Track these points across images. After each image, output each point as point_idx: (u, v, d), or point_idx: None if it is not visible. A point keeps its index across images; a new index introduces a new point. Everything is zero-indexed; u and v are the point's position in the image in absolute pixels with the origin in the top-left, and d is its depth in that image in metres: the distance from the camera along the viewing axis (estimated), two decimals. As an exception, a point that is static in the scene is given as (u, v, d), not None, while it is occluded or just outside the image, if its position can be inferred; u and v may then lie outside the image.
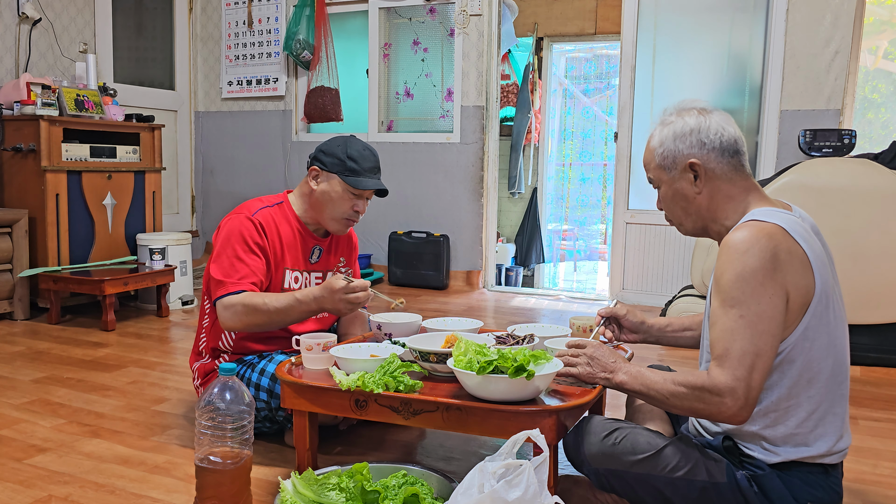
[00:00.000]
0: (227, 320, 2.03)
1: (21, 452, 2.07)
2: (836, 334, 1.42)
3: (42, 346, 3.30)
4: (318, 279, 2.31)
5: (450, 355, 1.65)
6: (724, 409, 1.34)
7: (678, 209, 1.55)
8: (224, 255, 2.08)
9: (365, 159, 2.17)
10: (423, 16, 5.12)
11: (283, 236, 2.19)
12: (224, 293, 2.03)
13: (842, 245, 3.10)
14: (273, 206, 2.21)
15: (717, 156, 1.48)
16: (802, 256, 1.37)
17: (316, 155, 2.20)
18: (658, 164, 1.54)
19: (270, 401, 2.05)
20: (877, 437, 2.32)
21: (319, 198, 2.18)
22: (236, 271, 2.06)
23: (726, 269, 1.37)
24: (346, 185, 2.15)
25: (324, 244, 2.31)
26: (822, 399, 1.40)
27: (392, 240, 5.04)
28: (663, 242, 4.44)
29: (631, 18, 4.46)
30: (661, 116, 1.58)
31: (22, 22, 4.35)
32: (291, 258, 2.21)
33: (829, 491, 1.43)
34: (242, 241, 2.09)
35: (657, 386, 1.43)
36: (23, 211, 3.77)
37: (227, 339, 2.20)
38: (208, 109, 5.75)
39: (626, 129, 4.52)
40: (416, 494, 1.50)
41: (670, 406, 1.43)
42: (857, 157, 3.43)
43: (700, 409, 1.38)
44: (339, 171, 2.15)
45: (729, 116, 1.53)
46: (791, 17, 4.07)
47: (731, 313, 1.35)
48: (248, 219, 2.12)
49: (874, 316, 3.12)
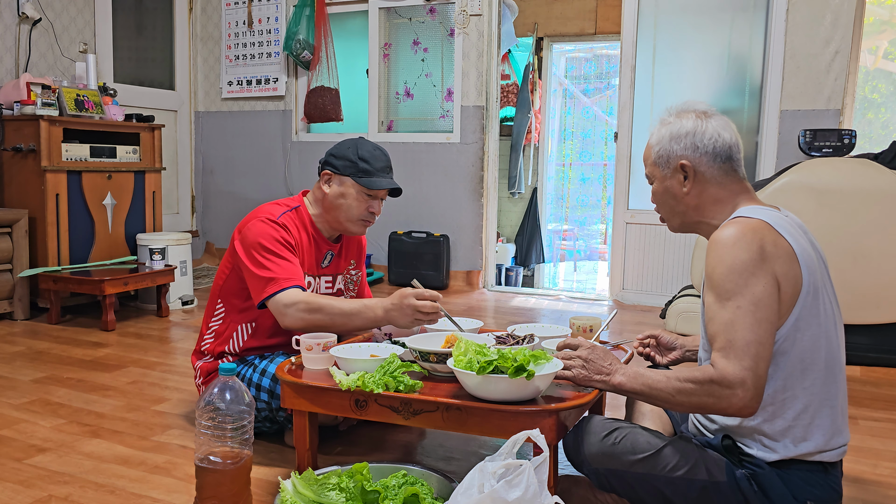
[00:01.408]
0: (287, 317, 1.99)
1: (21, 452, 2.07)
2: (828, 326, 1.43)
3: (42, 346, 3.30)
4: (327, 283, 2.31)
5: (450, 355, 1.65)
6: (735, 402, 1.33)
7: (667, 206, 1.61)
8: (262, 257, 2.05)
9: (377, 159, 2.18)
10: (423, 16, 5.12)
11: (301, 241, 2.19)
12: (277, 290, 2.00)
13: (842, 245, 3.10)
14: (291, 209, 2.20)
15: (709, 160, 1.53)
16: (788, 249, 1.39)
17: (327, 159, 2.20)
18: (654, 161, 1.59)
19: (271, 401, 2.04)
20: (877, 437, 2.32)
21: (333, 201, 2.18)
22: (283, 269, 2.03)
23: (717, 265, 1.40)
24: (360, 187, 2.15)
25: (335, 249, 2.31)
26: (818, 391, 1.41)
27: (392, 240, 5.04)
28: (663, 242, 4.44)
29: (631, 18, 4.45)
30: (661, 115, 1.62)
31: (22, 22, 4.35)
32: (307, 263, 2.22)
33: (828, 489, 1.43)
34: (277, 242, 2.07)
35: (660, 385, 1.42)
36: (23, 211, 3.77)
37: (235, 346, 2.20)
38: (208, 109, 5.75)
39: (626, 129, 4.52)
40: (416, 494, 1.50)
41: (676, 404, 1.42)
42: (857, 157, 3.43)
43: (710, 405, 1.37)
44: (351, 172, 2.15)
45: (728, 122, 1.56)
46: (791, 17, 4.08)
47: (727, 306, 1.36)
48: (275, 223, 2.11)
49: (874, 316, 3.12)
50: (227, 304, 2.22)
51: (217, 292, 2.24)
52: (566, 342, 1.60)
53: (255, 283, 2.06)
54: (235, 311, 2.20)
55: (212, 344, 2.23)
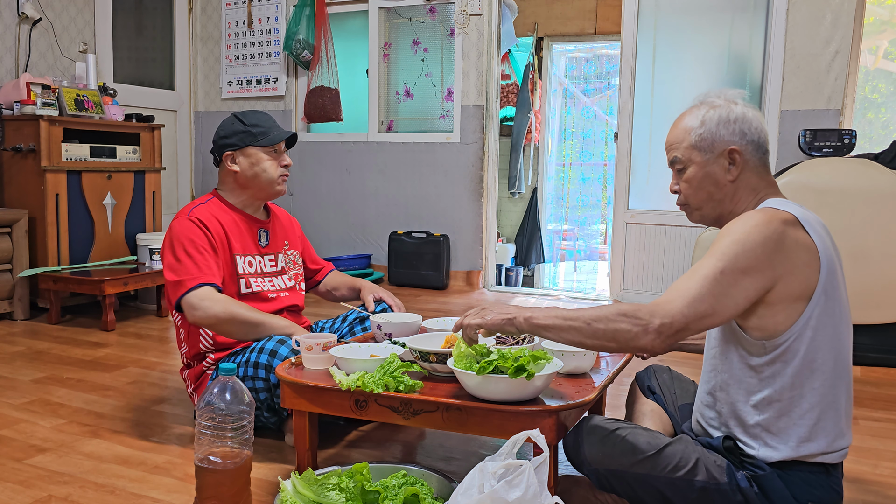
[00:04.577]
0: (197, 317, 2.05)
1: (21, 452, 2.07)
2: (840, 329, 1.42)
3: (42, 346, 3.30)
4: (271, 261, 2.34)
5: (450, 355, 1.65)
6: (649, 330, 1.30)
7: (703, 193, 1.53)
8: (173, 258, 2.11)
9: (264, 119, 2.28)
10: (423, 16, 5.12)
11: (224, 224, 2.22)
12: (184, 291, 2.06)
13: (842, 245, 3.08)
14: (206, 202, 2.26)
15: (753, 149, 1.49)
16: (811, 247, 1.37)
17: (220, 144, 2.27)
18: (693, 143, 1.51)
19: (269, 376, 2.01)
20: (877, 437, 2.32)
21: (248, 173, 2.24)
22: (189, 270, 2.09)
23: (731, 231, 1.38)
24: (266, 147, 2.23)
25: (266, 226, 2.36)
26: (825, 392, 1.40)
27: (392, 240, 5.04)
28: (663, 242, 4.44)
29: (631, 18, 4.45)
30: (700, 98, 1.56)
31: (22, 22, 4.35)
32: (239, 244, 2.25)
33: (829, 491, 1.43)
34: (188, 241, 2.12)
35: (574, 314, 1.38)
36: (23, 211, 3.77)
37: (206, 340, 2.20)
38: (208, 109, 5.75)
39: (626, 129, 4.52)
40: (416, 494, 1.50)
41: (587, 336, 1.37)
42: (857, 157, 3.43)
43: (622, 333, 1.33)
44: (250, 141, 2.23)
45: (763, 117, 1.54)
46: (791, 17, 4.07)
47: (714, 265, 1.34)
48: (187, 219, 2.16)
49: (874, 316, 3.12)
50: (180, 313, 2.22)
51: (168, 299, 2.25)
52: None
53: (168, 288, 2.13)
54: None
55: (187, 352, 2.24)
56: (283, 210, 2.53)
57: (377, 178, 5.22)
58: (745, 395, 1.45)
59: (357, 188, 5.29)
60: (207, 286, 2.07)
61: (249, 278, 2.24)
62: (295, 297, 2.37)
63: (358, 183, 5.29)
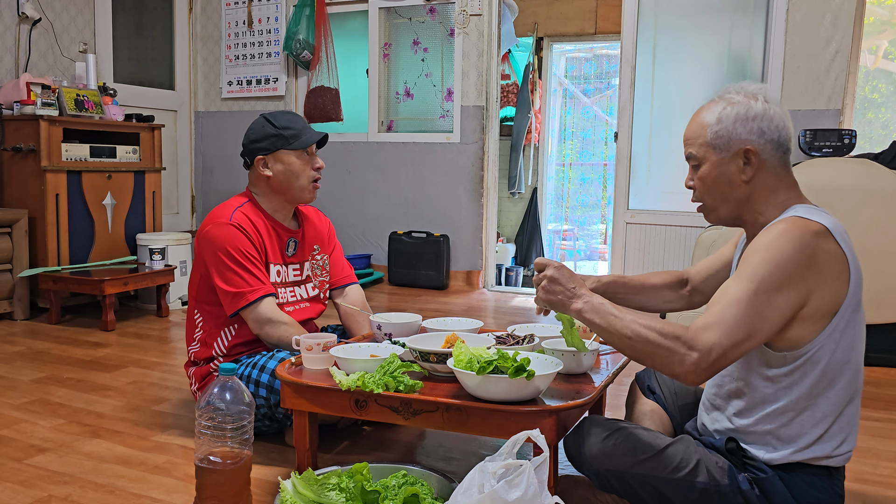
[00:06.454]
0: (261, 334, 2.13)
1: (21, 452, 2.07)
2: (858, 338, 1.40)
3: (42, 346, 3.30)
4: (295, 270, 2.34)
5: (450, 355, 1.65)
6: (686, 363, 1.28)
7: (717, 193, 1.47)
8: (226, 268, 2.12)
9: (295, 121, 2.25)
10: (423, 16, 5.12)
11: (260, 232, 2.22)
12: (245, 304, 2.11)
13: (842, 245, 3.10)
14: (242, 205, 2.23)
15: (772, 148, 1.43)
16: (841, 258, 1.34)
17: (251, 148, 2.24)
18: (708, 141, 1.45)
19: (270, 396, 2.03)
20: (877, 437, 2.32)
21: (280, 178, 2.22)
22: (247, 281, 2.12)
23: (761, 248, 1.34)
24: (298, 151, 2.21)
25: (297, 235, 2.34)
26: (839, 401, 1.39)
27: (392, 240, 5.04)
28: (663, 242, 4.44)
29: (631, 18, 4.45)
30: (720, 93, 1.49)
31: (22, 22, 4.35)
32: (272, 253, 2.25)
33: (831, 493, 1.42)
34: (236, 250, 2.12)
35: (619, 325, 1.36)
36: (23, 211, 3.77)
37: (221, 346, 2.21)
38: (208, 109, 5.75)
39: (626, 129, 4.52)
40: (416, 494, 1.50)
41: (626, 347, 1.36)
42: (857, 157, 3.43)
43: (660, 357, 1.31)
44: (282, 144, 2.21)
45: (787, 113, 1.47)
46: (791, 17, 4.07)
47: (746, 286, 1.30)
48: (230, 225, 2.14)
49: (874, 316, 3.12)
50: (203, 313, 2.24)
51: (192, 302, 2.27)
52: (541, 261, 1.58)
53: (224, 297, 2.14)
54: (213, 317, 2.22)
55: (198, 352, 2.24)
56: (317, 211, 2.50)
57: (377, 178, 5.22)
58: (760, 404, 1.43)
59: (357, 188, 5.29)
60: (268, 297, 2.14)
61: (276, 288, 2.25)
62: (313, 308, 2.36)
63: (358, 183, 5.29)
